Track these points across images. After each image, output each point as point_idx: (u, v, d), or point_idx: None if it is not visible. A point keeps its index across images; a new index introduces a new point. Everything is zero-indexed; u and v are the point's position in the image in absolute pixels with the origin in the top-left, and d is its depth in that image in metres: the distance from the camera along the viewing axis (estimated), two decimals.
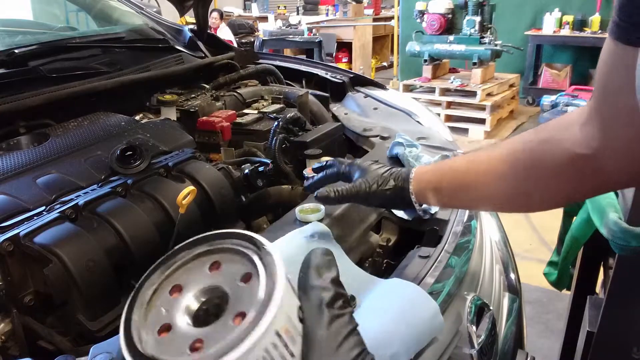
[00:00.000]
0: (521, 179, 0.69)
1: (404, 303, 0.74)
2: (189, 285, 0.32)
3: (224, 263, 0.32)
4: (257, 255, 0.31)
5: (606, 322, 1.18)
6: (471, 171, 0.75)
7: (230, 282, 0.31)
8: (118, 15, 1.83)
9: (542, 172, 0.67)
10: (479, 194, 0.75)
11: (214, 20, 7.31)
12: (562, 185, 0.67)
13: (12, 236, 0.71)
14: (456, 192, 0.77)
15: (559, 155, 0.64)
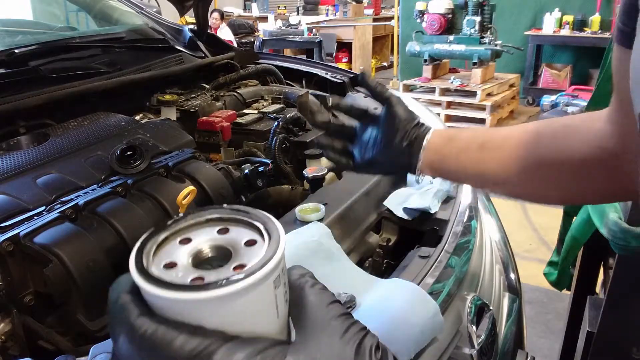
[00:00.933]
0: (543, 148, 0.64)
1: (404, 303, 0.74)
2: (197, 239, 0.34)
3: (232, 229, 0.35)
4: (264, 227, 0.34)
5: (606, 322, 1.18)
6: (491, 132, 0.69)
7: (235, 244, 0.33)
8: (118, 15, 1.83)
9: (564, 145, 0.63)
10: (494, 155, 0.67)
11: (214, 20, 7.31)
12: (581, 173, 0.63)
13: (12, 236, 0.71)
14: (469, 148, 0.68)
15: (582, 139, 0.62)
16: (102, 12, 1.91)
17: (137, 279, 0.30)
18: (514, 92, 6.18)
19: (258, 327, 0.30)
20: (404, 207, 1.05)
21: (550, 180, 0.65)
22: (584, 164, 0.62)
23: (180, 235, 0.34)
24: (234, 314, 0.30)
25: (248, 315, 0.30)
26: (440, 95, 5.76)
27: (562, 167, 0.63)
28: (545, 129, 0.65)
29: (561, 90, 5.79)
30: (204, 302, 0.29)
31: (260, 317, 0.31)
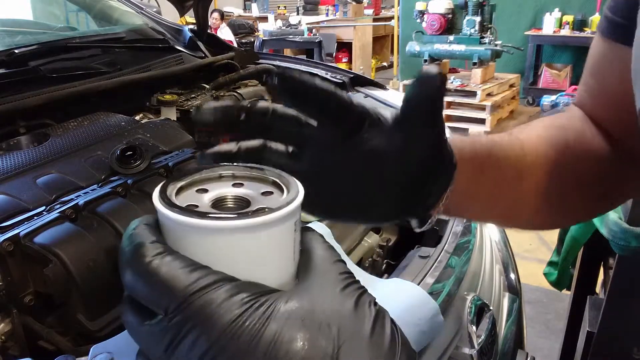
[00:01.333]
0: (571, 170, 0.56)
1: (404, 303, 0.74)
2: (214, 190, 0.34)
3: (246, 183, 0.35)
4: (279, 180, 0.34)
5: (606, 322, 1.18)
6: (516, 150, 0.53)
7: (252, 195, 0.33)
8: (118, 15, 1.83)
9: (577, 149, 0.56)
10: (530, 184, 0.53)
11: (214, 20, 7.31)
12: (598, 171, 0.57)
13: (12, 236, 0.71)
14: (505, 179, 0.52)
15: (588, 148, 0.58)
16: (102, 12, 1.91)
17: (160, 206, 0.30)
18: (514, 92, 6.18)
19: (270, 274, 0.30)
20: None
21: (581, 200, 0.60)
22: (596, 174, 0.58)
23: (197, 185, 0.34)
24: (252, 251, 0.29)
25: (264, 256, 0.30)
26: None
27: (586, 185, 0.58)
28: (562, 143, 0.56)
29: (561, 90, 5.80)
30: (229, 233, 0.28)
31: (275, 262, 0.31)
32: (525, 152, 0.52)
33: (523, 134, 0.54)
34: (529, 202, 0.54)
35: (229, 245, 0.29)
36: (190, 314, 0.27)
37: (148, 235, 0.30)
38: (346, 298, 0.29)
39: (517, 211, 0.55)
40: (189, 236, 0.29)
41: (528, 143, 0.53)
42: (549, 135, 0.56)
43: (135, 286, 0.29)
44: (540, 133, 0.56)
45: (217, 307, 0.27)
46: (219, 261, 0.29)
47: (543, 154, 0.54)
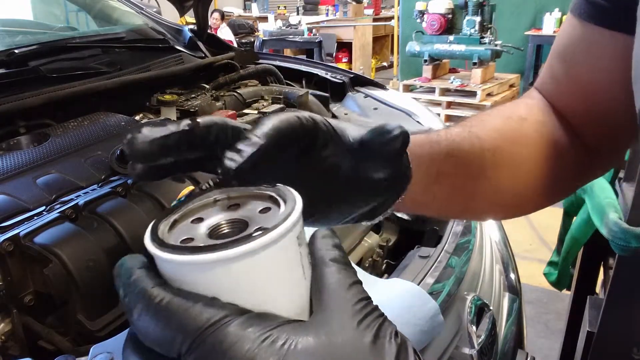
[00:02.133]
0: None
1: (404, 303, 0.74)
2: (209, 218, 0.33)
3: (242, 204, 0.33)
4: (275, 194, 0.33)
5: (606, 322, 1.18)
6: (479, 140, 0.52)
7: (250, 215, 0.32)
8: (118, 15, 1.83)
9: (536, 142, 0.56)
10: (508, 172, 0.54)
11: (215, 20, 7.31)
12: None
13: (12, 236, 0.71)
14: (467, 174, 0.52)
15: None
16: (102, 12, 1.91)
17: (153, 249, 0.29)
18: (514, 92, 6.18)
19: (281, 299, 0.29)
20: None
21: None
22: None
23: (191, 216, 0.33)
24: (257, 278, 0.28)
25: (271, 280, 0.29)
26: (440, 95, 5.76)
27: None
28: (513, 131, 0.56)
29: None
30: (226, 263, 0.27)
31: (284, 285, 0.29)
32: (483, 152, 0.52)
33: (482, 131, 0.53)
34: (484, 199, 0.55)
35: (231, 275, 0.28)
36: (202, 354, 0.26)
37: (147, 279, 0.29)
38: (365, 331, 0.28)
39: (471, 208, 0.56)
40: (188, 273, 0.28)
41: (487, 141, 0.53)
42: (508, 128, 0.56)
43: (147, 331, 0.28)
44: (499, 127, 0.55)
45: (230, 344, 0.26)
46: (225, 294, 0.28)
47: (501, 152, 0.53)
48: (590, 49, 0.55)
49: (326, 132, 0.38)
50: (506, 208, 0.59)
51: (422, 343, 0.72)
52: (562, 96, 0.59)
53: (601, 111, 0.55)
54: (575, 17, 0.55)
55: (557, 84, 0.59)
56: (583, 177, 0.63)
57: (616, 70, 0.51)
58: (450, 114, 5.68)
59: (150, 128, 0.33)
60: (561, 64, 0.59)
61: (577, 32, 0.56)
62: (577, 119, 0.58)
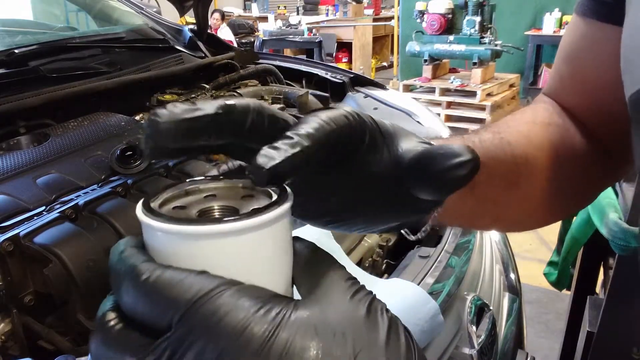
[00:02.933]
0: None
1: (404, 303, 0.74)
2: (192, 207, 0.32)
3: (218, 194, 0.33)
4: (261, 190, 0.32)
5: (606, 322, 1.18)
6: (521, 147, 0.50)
7: (233, 203, 0.31)
8: (118, 15, 1.83)
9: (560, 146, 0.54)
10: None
11: (215, 21, 7.31)
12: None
13: (12, 236, 0.71)
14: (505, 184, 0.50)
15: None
16: (102, 12, 1.91)
17: (146, 218, 0.29)
18: (514, 92, 6.18)
19: (270, 279, 0.29)
20: None
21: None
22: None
23: (172, 203, 0.32)
24: (248, 256, 0.28)
25: (264, 258, 0.29)
26: (440, 95, 5.76)
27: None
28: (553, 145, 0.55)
29: None
30: (226, 236, 0.27)
31: (275, 265, 0.29)
32: (516, 160, 0.49)
33: (511, 137, 0.51)
34: (515, 209, 0.53)
35: (229, 250, 0.28)
36: (194, 323, 0.25)
37: (137, 255, 0.29)
38: (357, 305, 0.28)
39: (502, 219, 0.54)
40: (183, 246, 0.28)
41: (517, 148, 0.50)
42: (535, 136, 0.54)
43: (135, 307, 0.28)
44: (527, 134, 0.53)
45: (223, 313, 0.25)
46: (215, 269, 0.27)
47: (532, 161, 0.51)
48: (594, 46, 0.54)
49: (373, 137, 0.34)
50: (537, 217, 0.57)
51: (422, 343, 0.72)
52: (571, 98, 0.58)
53: (611, 111, 0.55)
54: (579, 16, 0.55)
55: (564, 86, 0.59)
56: (606, 180, 0.62)
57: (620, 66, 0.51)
58: (450, 114, 5.68)
59: (177, 106, 0.29)
60: (567, 65, 0.59)
61: (581, 31, 0.55)
62: (589, 121, 0.57)
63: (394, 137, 0.35)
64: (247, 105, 0.31)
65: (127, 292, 0.28)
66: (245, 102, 0.31)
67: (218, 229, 0.27)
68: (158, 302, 0.27)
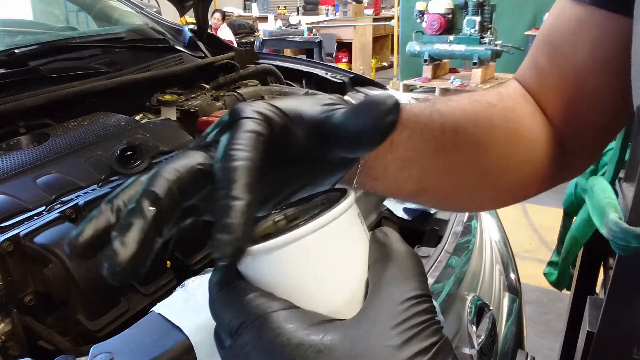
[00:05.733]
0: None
1: None
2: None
3: (300, 215, 0.35)
4: (326, 195, 0.34)
5: (606, 322, 1.17)
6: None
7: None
8: (118, 15, 1.83)
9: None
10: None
11: (216, 21, 7.32)
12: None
13: (12, 236, 0.71)
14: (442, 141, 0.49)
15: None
16: (102, 12, 1.91)
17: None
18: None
19: (340, 285, 0.30)
20: (404, 207, 1.05)
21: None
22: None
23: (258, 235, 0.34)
24: (325, 255, 0.29)
25: (324, 262, 0.29)
26: (440, 95, 5.76)
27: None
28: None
29: None
30: (287, 247, 0.29)
31: (342, 268, 0.30)
32: (443, 128, 0.48)
33: (445, 108, 0.50)
34: (441, 181, 0.51)
35: (286, 263, 0.29)
36: (241, 345, 0.28)
37: (228, 270, 0.31)
38: (399, 337, 0.27)
39: (428, 189, 0.51)
40: (257, 264, 0.30)
41: (449, 117, 0.49)
42: (473, 110, 0.52)
43: (216, 313, 0.31)
44: (465, 107, 0.51)
45: (271, 330, 0.28)
46: (285, 280, 0.29)
47: (463, 132, 0.50)
48: (578, 30, 0.52)
49: (282, 124, 0.32)
50: (465, 195, 0.55)
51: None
52: (543, 86, 0.56)
53: (583, 104, 0.53)
54: (569, 1, 0.53)
55: (539, 73, 0.56)
56: (554, 176, 0.59)
57: (602, 54, 0.49)
58: None
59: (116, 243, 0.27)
60: (545, 50, 0.56)
61: (568, 14, 0.53)
62: (555, 113, 0.55)
63: (299, 112, 0.34)
64: (166, 188, 0.28)
65: (210, 297, 0.32)
66: (159, 186, 0.28)
67: (275, 242, 0.29)
68: (228, 309, 0.30)
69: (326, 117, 0.33)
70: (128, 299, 0.77)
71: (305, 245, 0.29)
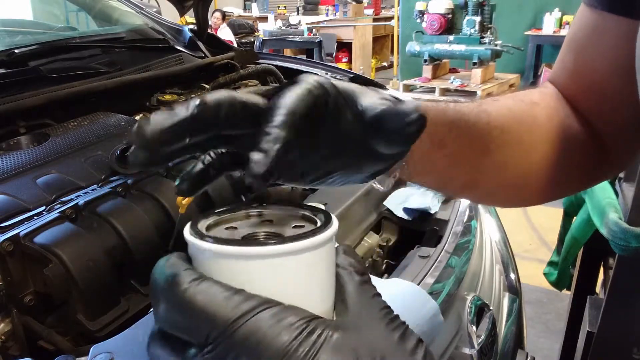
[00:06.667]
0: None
1: (404, 303, 0.74)
2: (243, 227, 0.33)
3: (275, 220, 0.34)
4: (309, 213, 0.33)
5: (606, 322, 1.18)
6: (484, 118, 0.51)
7: (283, 229, 0.33)
8: (118, 15, 1.83)
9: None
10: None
11: (216, 20, 7.31)
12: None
13: (12, 236, 0.71)
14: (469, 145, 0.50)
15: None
16: (102, 12, 1.91)
17: (195, 239, 0.30)
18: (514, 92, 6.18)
19: (311, 302, 0.29)
20: (404, 207, 1.05)
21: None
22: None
23: (225, 224, 0.34)
24: (295, 277, 0.29)
25: (306, 282, 0.29)
26: (440, 95, 5.76)
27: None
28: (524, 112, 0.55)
29: None
30: (273, 257, 0.28)
31: (316, 289, 0.30)
32: (490, 127, 0.50)
33: (492, 107, 0.52)
34: (487, 177, 0.53)
35: (271, 271, 0.28)
36: (235, 341, 0.26)
37: (181, 264, 0.29)
38: (393, 333, 0.29)
39: (473, 185, 0.53)
40: (225, 266, 0.28)
41: (495, 117, 0.51)
42: (518, 109, 0.54)
43: (170, 317, 0.28)
44: (510, 106, 0.54)
45: (265, 332, 0.26)
46: (259, 288, 0.28)
47: (509, 131, 0.52)
48: (597, 36, 0.54)
49: (335, 101, 0.36)
50: (510, 192, 0.57)
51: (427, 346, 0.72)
52: (573, 87, 0.58)
53: (610, 105, 0.54)
54: (585, 5, 0.55)
55: (567, 75, 0.59)
56: (595, 174, 0.61)
57: (620, 57, 0.51)
58: None
59: (158, 116, 0.32)
60: (571, 54, 0.59)
61: (585, 20, 0.55)
62: (589, 112, 0.57)
63: (354, 96, 0.38)
64: (218, 99, 0.32)
65: (161, 303, 0.28)
66: (216, 97, 0.32)
67: (267, 250, 0.28)
68: (194, 315, 0.27)
69: (371, 109, 0.37)
70: (128, 299, 0.77)
71: (279, 263, 0.28)
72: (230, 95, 0.33)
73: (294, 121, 0.32)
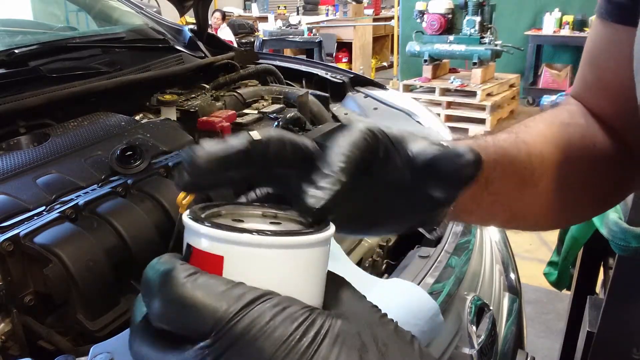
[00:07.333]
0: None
1: (403, 303, 0.74)
2: (251, 222, 0.34)
3: (284, 222, 0.35)
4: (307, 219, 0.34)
5: (606, 322, 1.18)
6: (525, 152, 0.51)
7: (287, 226, 0.34)
8: (118, 15, 1.83)
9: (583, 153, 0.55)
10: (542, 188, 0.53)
11: (216, 20, 7.31)
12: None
13: (12, 236, 0.71)
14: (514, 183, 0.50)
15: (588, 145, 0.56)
16: (102, 12, 1.91)
17: (191, 222, 0.29)
18: (514, 92, 6.18)
19: (307, 296, 0.29)
20: None
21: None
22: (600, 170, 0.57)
23: (232, 216, 0.34)
24: (295, 270, 0.29)
25: (305, 276, 0.30)
26: (440, 95, 5.76)
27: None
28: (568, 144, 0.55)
29: (561, 91, 5.79)
30: (265, 250, 0.28)
31: (312, 285, 0.30)
32: (531, 158, 0.51)
33: (528, 136, 0.52)
34: (532, 207, 0.54)
35: (269, 263, 0.28)
36: (238, 333, 0.25)
37: (176, 260, 0.28)
38: (388, 324, 0.30)
39: (520, 216, 0.54)
40: (223, 252, 0.28)
41: (533, 147, 0.52)
42: (552, 134, 0.55)
43: (167, 313, 0.27)
44: (544, 132, 0.54)
45: (268, 323, 0.25)
46: (258, 280, 0.28)
47: (548, 158, 0.52)
48: (612, 48, 0.54)
49: (386, 149, 0.37)
50: (554, 216, 0.57)
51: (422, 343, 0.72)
52: (595, 100, 0.58)
53: (635, 113, 0.55)
54: (598, 19, 0.56)
55: (588, 89, 0.59)
56: (629, 185, 0.61)
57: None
58: (450, 114, 5.68)
59: (210, 143, 0.33)
60: (589, 68, 0.59)
61: (601, 34, 0.56)
62: (615, 123, 0.57)
63: (403, 143, 0.38)
64: (270, 137, 0.34)
65: (156, 300, 0.27)
66: (268, 134, 0.34)
67: (260, 240, 0.28)
68: (192, 311, 0.26)
69: (422, 154, 0.37)
70: (128, 299, 0.77)
71: (277, 255, 0.29)
72: (280, 133, 0.35)
73: (351, 169, 0.33)
